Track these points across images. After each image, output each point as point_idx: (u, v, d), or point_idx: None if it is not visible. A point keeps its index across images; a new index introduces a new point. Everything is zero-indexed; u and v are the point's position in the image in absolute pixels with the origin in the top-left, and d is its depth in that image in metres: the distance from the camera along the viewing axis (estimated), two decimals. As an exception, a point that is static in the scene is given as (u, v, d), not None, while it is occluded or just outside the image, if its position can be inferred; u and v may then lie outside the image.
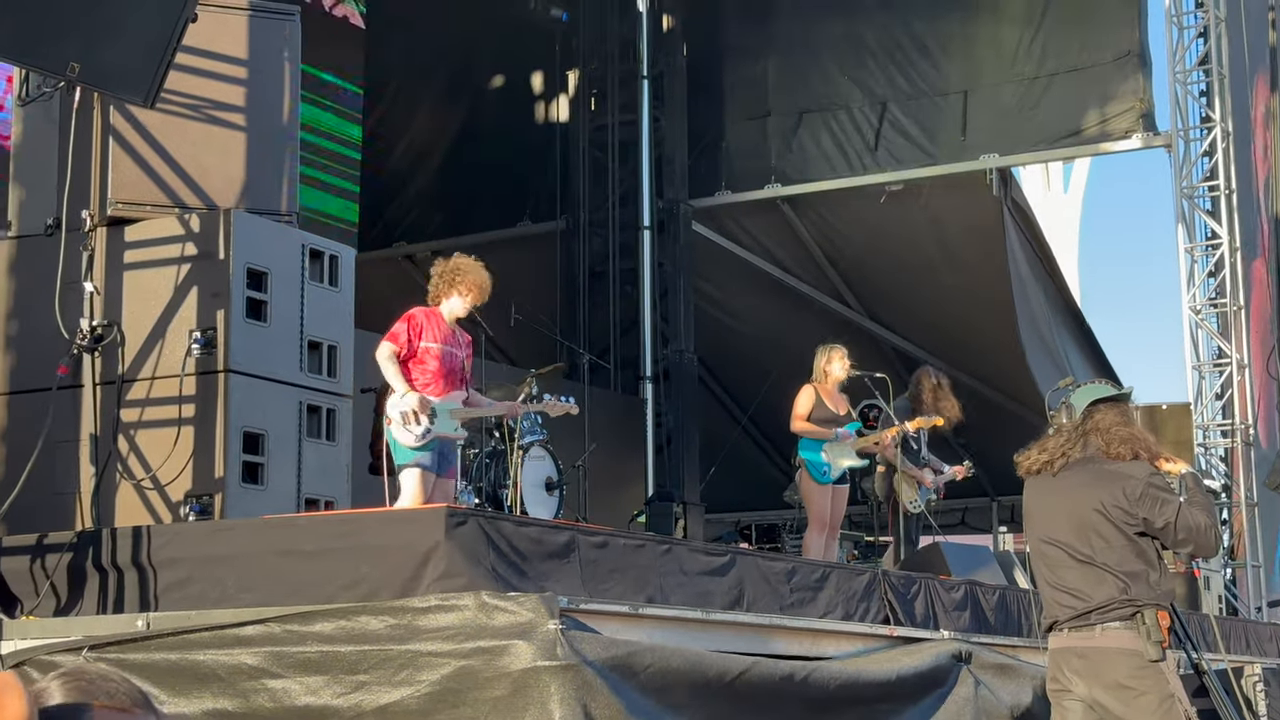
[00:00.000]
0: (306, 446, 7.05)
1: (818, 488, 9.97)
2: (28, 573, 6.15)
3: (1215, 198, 14.67)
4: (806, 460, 9.99)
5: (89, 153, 7.01)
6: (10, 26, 5.71)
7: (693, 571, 6.43)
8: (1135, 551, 5.23)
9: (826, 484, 9.97)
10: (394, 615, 5.15)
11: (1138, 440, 5.39)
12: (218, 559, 5.83)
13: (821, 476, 9.95)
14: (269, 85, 7.39)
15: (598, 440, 13.03)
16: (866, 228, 15.96)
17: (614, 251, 16.09)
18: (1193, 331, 14.72)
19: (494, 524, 5.59)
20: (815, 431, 9.94)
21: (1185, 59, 14.85)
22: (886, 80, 15.50)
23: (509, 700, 4.94)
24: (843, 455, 10.01)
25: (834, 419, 10.03)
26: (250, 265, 6.86)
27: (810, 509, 10.04)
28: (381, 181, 16.91)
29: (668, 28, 16.50)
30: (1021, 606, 8.67)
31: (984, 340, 15.83)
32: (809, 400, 10.05)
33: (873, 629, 7.32)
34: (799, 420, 10.01)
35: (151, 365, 6.84)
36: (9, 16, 5.67)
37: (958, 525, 17.96)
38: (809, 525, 10.09)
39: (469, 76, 17.42)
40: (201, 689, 5.29)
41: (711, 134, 16.34)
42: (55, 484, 6.78)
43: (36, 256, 7.02)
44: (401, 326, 7.71)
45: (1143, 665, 5.14)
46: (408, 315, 7.88)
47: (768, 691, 5.92)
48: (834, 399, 10.13)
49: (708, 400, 17.06)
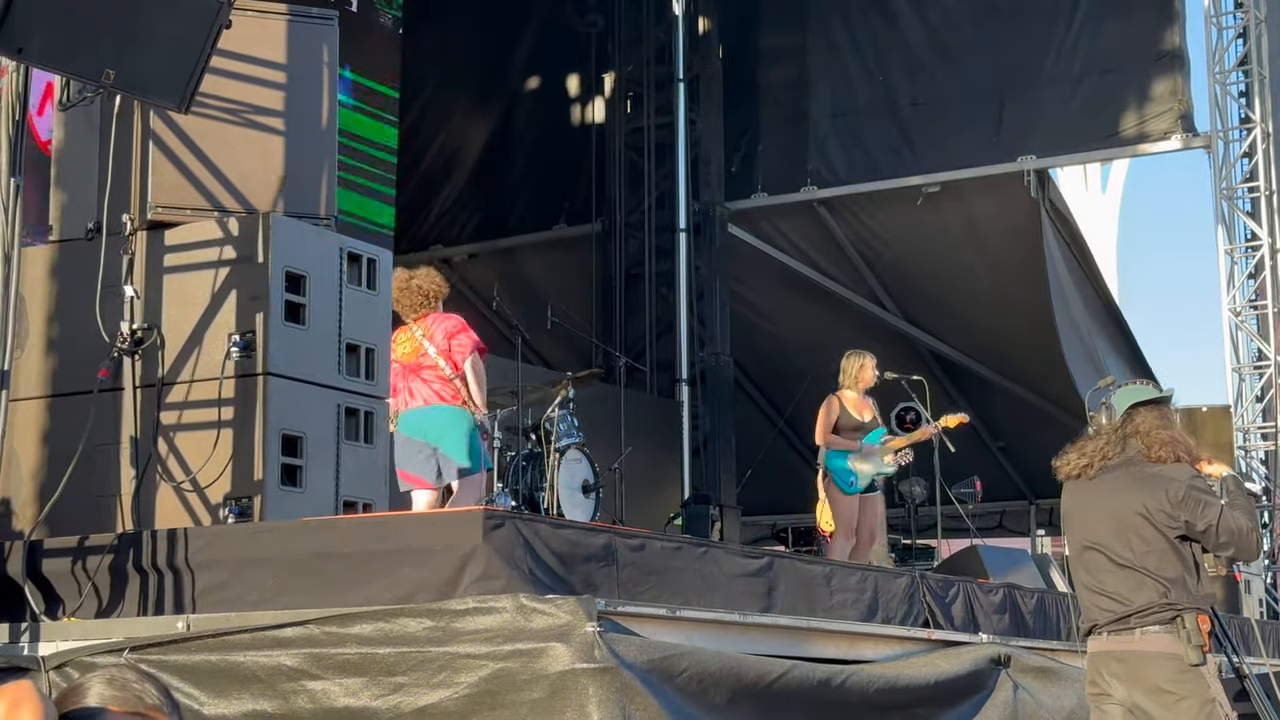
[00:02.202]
0: (345, 449, 7.07)
1: (844, 498, 9.95)
2: (69, 574, 6.19)
3: (1255, 199, 14.57)
4: (833, 470, 9.97)
5: (129, 157, 7.05)
6: (46, 35, 5.75)
7: (730, 574, 6.43)
8: (1176, 555, 5.20)
9: (854, 494, 9.94)
10: (432, 617, 5.17)
11: (1179, 443, 5.35)
12: (257, 561, 5.85)
13: (848, 486, 9.92)
14: (308, 89, 7.42)
15: (634, 443, 13.04)
16: (903, 230, 15.91)
17: (650, 254, 16.10)
18: (1233, 333, 14.61)
19: (531, 526, 5.60)
20: (841, 444, 9.93)
21: (1225, 60, 14.76)
22: (923, 82, 15.45)
23: (547, 702, 4.95)
24: (870, 463, 9.97)
25: (859, 426, 10.00)
26: (289, 269, 6.89)
27: (837, 518, 10.00)
28: (417, 185, 16.96)
29: (703, 30, 16.50)
30: (1060, 610, 8.63)
31: (1021, 342, 15.76)
32: (833, 411, 10.02)
33: (911, 632, 7.29)
34: (824, 434, 10.00)
35: (191, 368, 6.87)
36: (45, 26, 5.72)
37: (996, 528, 17.88)
38: (835, 534, 10.03)
39: (504, 79, 17.46)
40: (241, 690, 5.32)
41: (747, 136, 16.33)
42: (96, 486, 6.82)
43: (77, 260, 7.07)
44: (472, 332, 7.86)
45: (1183, 669, 5.11)
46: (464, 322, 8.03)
47: (805, 695, 5.91)
48: (859, 405, 10.07)
49: (744, 403, 17.03)
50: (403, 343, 7.96)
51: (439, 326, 7.96)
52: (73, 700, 2.32)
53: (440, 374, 7.86)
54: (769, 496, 17.13)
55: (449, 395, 7.86)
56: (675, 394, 15.93)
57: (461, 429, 7.83)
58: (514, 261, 16.96)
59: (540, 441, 10.21)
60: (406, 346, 7.95)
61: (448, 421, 7.83)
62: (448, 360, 7.86)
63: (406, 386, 7.92)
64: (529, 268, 16.81)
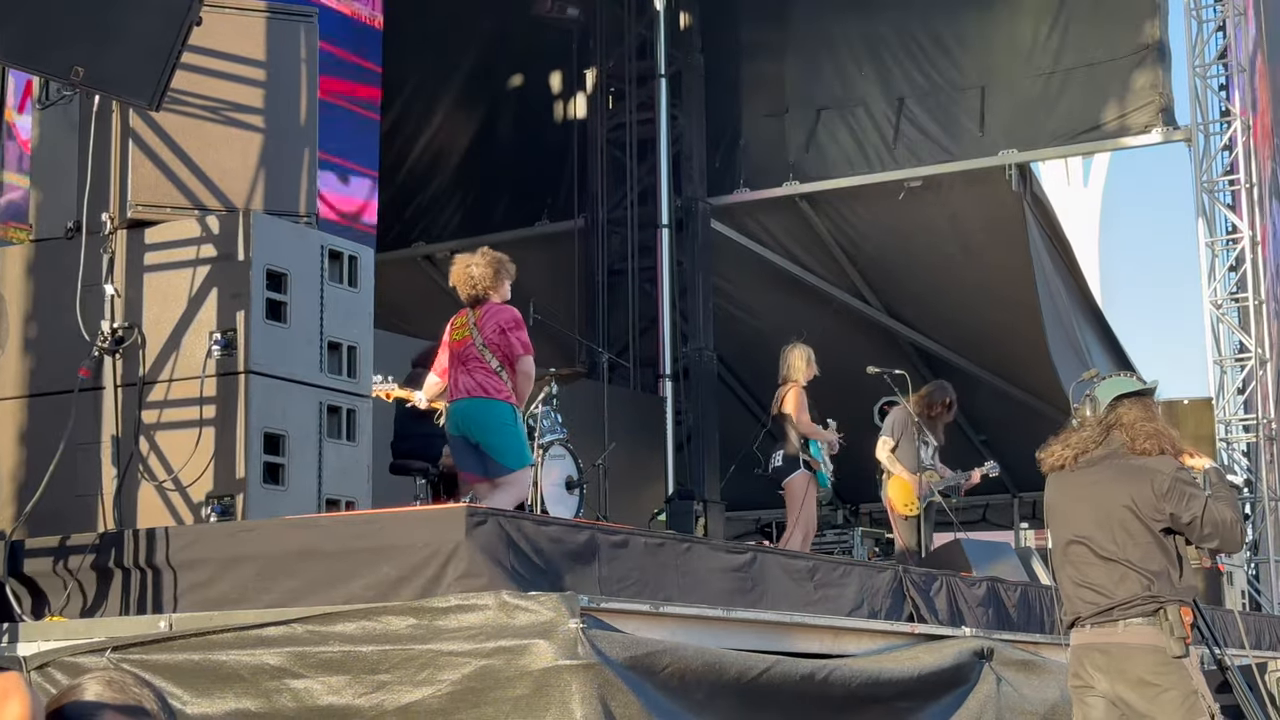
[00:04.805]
0: (327, 447, 7.05)
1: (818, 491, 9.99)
2: (51, 574, 6.17)
3: (1235, 192, 14.62)
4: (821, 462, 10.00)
5: (108, 155, 7.02)
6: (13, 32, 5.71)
7: (713, 569, 6.42)
8: (1160, 548, 5.21)
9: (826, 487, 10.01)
10: (415, 615, 5.16)
11: (1163, 435, 5.36)
12: (239, 560, 5.84)
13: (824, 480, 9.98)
14: (287, 87, 7.40)
15: (617, 439, 13.03)
16: (885, 224, 15.93)
17: (632, 250, 16.09)
18: (1214, 326, 14.66)
19: (514, 523, 5.59)
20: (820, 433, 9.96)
21: (1205, 52, 14.79)
22: (904, 76, 15.47)
23: (530, 700, 4.94)
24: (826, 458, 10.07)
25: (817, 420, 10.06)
26: (270, 266, 6.87)
27: (805, 512, 10.02)
28: (400, 182, 16.94)
29: (685, 25, 16.50)
30: (1044, 603, 8.65)
31: (1005, 336, 15.79)
32: (804, 399, 10.05)
33: (895, 626, 7.30)
34: (806, 423, 10.00)
35: (172, 367, 6.85)
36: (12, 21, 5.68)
37: (979, 522, 17.93)
38: (795, 528, 10.05)
39: (487, 76, 17.44)
40: (224, 689, 5.31)
41: (729, 132, 16.33)
42: (77, 486, 6.80)
43: (57, 259, 7.04)
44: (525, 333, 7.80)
45: (1166, 661, 5.12)
46: (520, 318, 7.94)
47: (788, 690, 5.91)
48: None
49: (727, 398, 17.04)
50: (458, 327, 7.96)
51: (492, 318, 7.90)
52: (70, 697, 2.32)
53: (485, 365, 7.82)
54: (753, 492, 17.09)
55: (492, 388, 7.78)
56: (659, 390, 15.93)
57: (502, 424, 7.78)
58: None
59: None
60: (460, 333, 7.94)
61: (488, 416, 7.79)
62: (495, 352, 7.81)
63: (454, 374, 7.92)
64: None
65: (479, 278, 7.93)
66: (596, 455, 12.13)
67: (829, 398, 10.69)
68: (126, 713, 2.31)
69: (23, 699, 2.22)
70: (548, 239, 16.73)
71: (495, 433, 7.78)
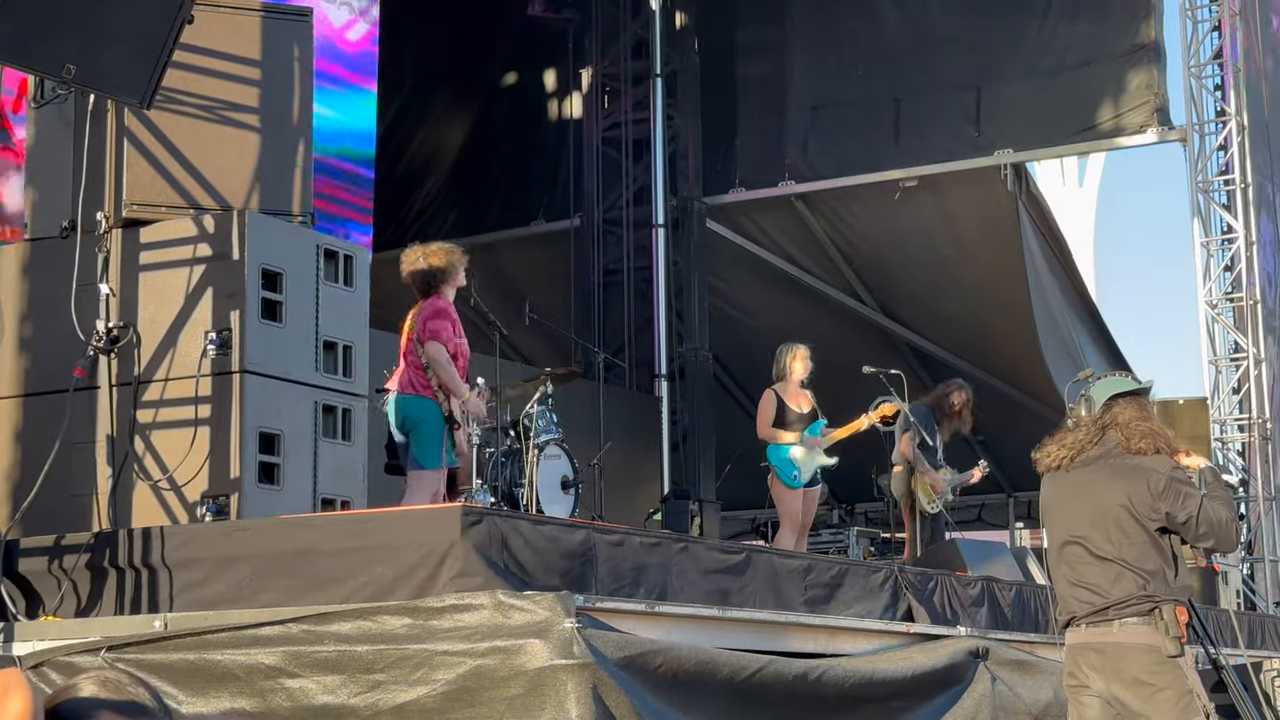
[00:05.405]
0: (322, 446, 7.05)
1: (789, 492, 10.04)
2: (46, 574, 6.17)
3: (1230, 192, 14.63)
4: (776, 464, 10.04)
5: (103, 155, 7.02)
6: (6, 29, 5.71)
7: (709, 569, 6.43)
8: (1155, 548, 5.21)
9: (798, 488, 10.02)
10: (410, 615, 5.16)
11: (1158, 435, 5.36)
12: (234, 559, 5.83)
13: (792, 481, 10.00)
14: (282, 86, 7.40)
15: (613, 439, 13.03)
16: (881, 224, 15.93)
17: (628, 250, 16.09)
18: (1209, 326, 14.67)
19: (510, 523, 5.59)
20: (783, 437, 10.00)
21: (1200, 53, 14.80)
22: (900, 76, 15.47)
23: (525, 699, 4.94)
24: (813, 457, 10.05)
25: (800, 419, 10.07)
26: (265, 266, 6.87)
27: (783, 512, 10.09)
28: (396, 181, 16.92)
29: (681, 25, 16.49)
30: (1039, 602, 8.65)
31: (1000, 336, 15.80)
32: (771, 405, 10.11)
33: (889, 626, 7.30)
34: (765, 427, 10.08)
35: (167, 366, 6.85)
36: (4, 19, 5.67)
37: (975, 521, 17.93)
38: (781, 528, 10.13)
39: (482, 75, 17.43)
40: (219, 689, 5.30)
41: (725, 131, 16.33)
42: (73, 485, 6.80)
43: (52, 259, 7.04)
44: (444, 325, 7.75)
45: (1161, 661, 5.12)
46: (441, 309, 7.87)
47: (781, 690, 5.91)
48: (796, 398, 10.19)
49: (723, 398, 17.04)
50: (407, 321, 8.00)
51: (423, 311, 7.92)
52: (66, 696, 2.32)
53: (416, 360, 7.85)
54: (749, 491, 17.06)
55: (419, 384, 7.83)
56: (654, 389, 15.93)
57: (419, 421, 7.81)
58: (492, 258, 16.91)
59: (519, 438, 10.19)
60: (408, 326, 7.98)
61: (409, 412, 7.84)
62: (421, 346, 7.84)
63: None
64: (507, 264, 16.77)
65: (406, 274, 8.01)
66: (592, 455, 12.12)
67: (824, 397, 10.68)
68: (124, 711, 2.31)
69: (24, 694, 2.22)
70: (543, 238, 16.72)
71: (414, 429, 7.83)
